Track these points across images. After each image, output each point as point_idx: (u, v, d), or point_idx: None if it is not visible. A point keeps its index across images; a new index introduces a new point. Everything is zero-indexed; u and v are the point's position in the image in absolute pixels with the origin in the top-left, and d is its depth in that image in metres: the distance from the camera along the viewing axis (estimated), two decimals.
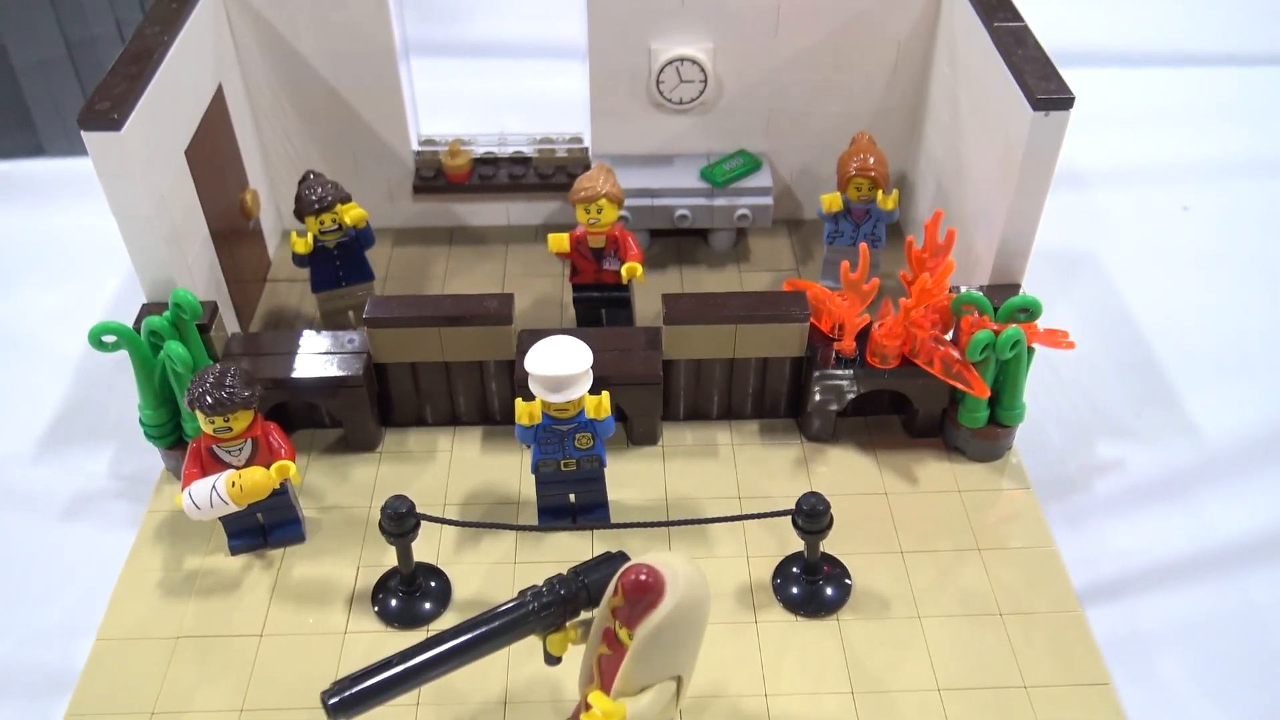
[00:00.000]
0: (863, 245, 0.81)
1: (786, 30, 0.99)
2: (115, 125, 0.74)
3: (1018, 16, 0.86)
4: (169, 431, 0.83)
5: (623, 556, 0.64)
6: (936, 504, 0.84)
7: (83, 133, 0.75)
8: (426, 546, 0.80)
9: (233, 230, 0.97)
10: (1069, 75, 0.80)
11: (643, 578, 0.58)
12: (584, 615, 0.64)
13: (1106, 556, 0.83)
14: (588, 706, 0.60)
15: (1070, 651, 0.74)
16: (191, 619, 0.76)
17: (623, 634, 0.60)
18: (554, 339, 0.76)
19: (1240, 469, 0.90)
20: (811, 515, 0.73)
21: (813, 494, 0.72)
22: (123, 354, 0.99)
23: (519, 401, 0.75)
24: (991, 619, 0.76)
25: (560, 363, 0.74)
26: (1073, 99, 0.76)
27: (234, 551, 0.80)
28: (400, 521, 0.71)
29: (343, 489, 0.86)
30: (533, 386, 0.75)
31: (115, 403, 0.97)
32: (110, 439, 0.93)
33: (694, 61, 0.99)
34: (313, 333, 0.87)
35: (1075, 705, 0.71)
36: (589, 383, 0.75)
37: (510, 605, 0.62)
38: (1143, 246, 1.16)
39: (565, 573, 0.64)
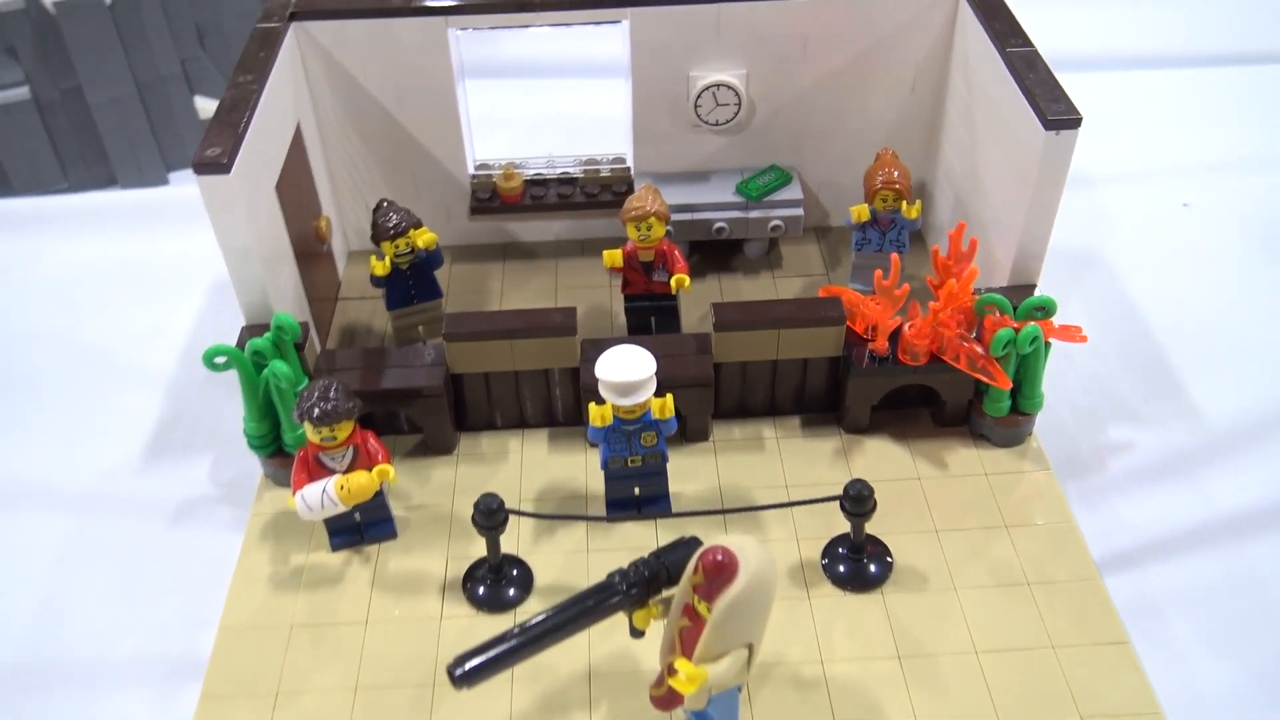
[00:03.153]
0: (894, 255, 0.89)
1: (813, 55, 1.07)
2: (225, 169, 0.83)
3: (1028, 41, 0.94)
4: (270, 442, 0.92)
5: (695, 540, 0.73)
6: (965, 486, 0.93)
7: (197, 176, 0.83)
8: (507, 538, 0.88)
9: (310, 254, 1.06)
10: (1070, 80, 0.89)
11: (720, 558, 0.67)
12: (664, 593, 0.73)
13: (1120, 530, 0.91)
14: (672, 671, 0.69)
15: (1090, 615, 0.83)
16: (303, 609, 0.85)
17: (701, 608, 0.69)
18: (620, 348, 0.85)
19: (1239, 448, 0.98)
20: (857, 500, 0.81)
21: (858, 481, 0.81)
22: (205, 369, 1.09)
23: (591, 405, 0.84)
24: (1019, 588, 0.85)
25: (629, 369, 0.82)
26: (1080, 119, 0.85)
27: (335, 548, 0.89)
28: (492, 516, 0.80)
29: (426, 489, 0.95)
30: (603, 391, 0.84)
31: (207, 415, 1.06)
32: (207, 449, 1.02)
33: (729, 86, 1.08)
34: (394, 348, 0.96)
35: (1097, 662, 0.80)
36: (654, 387, 0.84)
37: (602, 586, 0.71)
38: (1146, 243, 1.24)
39: (647, 556, 0.72)
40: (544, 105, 1.42)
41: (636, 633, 0.73)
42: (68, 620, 0.88)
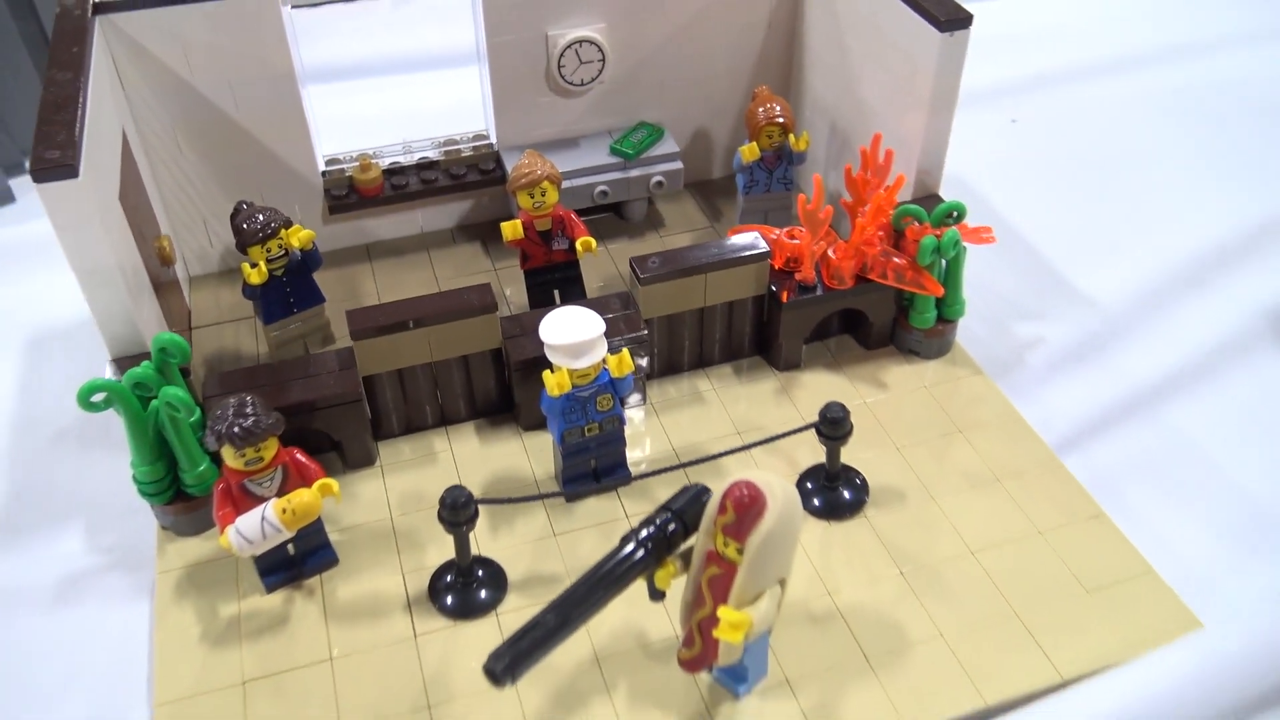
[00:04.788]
0: (816, 176, 0.88)
1: (669, 2, 1.04)
2: (72, 172, 0.71)
3: None
4: (167, 486, 0.80)
5: (703, 489, 0.68)
6: (911, 401, 0.92)
7: (38, 186, 0.70)
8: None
9: (157, 280, 0.93)
10: None
11: (747, 492, 0.63)
12: (681, 547, 0.67)
13: (1056, 417, 0.93)
14: (712, 622, 0.64)
15: (1063, 496, 0.84)
16: (252, 661, 0.74)
17: (729, 550, 0.64)
18: (561, 310, 0.79)
19: (1138, 325, 1.03)
20: (835, 423, 0.79)
21: (834, 403, 0.79)
22: (56, 428, 0.94)
23: (546, 374, 0.77)
24: (992, 485, 0.85)
25: (579, 329, 0.76)
26: (971, 17, 0.86)
27: (270, 589, 0.78)
28: (463, 510, 0.72)
29: (356, 508, 0.85)
30: (554, 357, 0.77)
31: (63, 480, 0.91)
32: (73, 517, 0.88)
33: (591, 42, 1.03)
34: (287, 362, 0.86)
35: (1083, 537, 0.81)
36: (605, 345, 0.78)
37: (622, 552, 0.64)
38: (984, 158, 1.29)
39: (656, 511, 0.67)
40: (388, 101, 1.32)
41: (658, 594, 0.67)
42: None
